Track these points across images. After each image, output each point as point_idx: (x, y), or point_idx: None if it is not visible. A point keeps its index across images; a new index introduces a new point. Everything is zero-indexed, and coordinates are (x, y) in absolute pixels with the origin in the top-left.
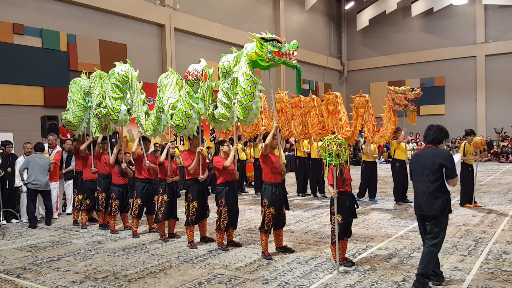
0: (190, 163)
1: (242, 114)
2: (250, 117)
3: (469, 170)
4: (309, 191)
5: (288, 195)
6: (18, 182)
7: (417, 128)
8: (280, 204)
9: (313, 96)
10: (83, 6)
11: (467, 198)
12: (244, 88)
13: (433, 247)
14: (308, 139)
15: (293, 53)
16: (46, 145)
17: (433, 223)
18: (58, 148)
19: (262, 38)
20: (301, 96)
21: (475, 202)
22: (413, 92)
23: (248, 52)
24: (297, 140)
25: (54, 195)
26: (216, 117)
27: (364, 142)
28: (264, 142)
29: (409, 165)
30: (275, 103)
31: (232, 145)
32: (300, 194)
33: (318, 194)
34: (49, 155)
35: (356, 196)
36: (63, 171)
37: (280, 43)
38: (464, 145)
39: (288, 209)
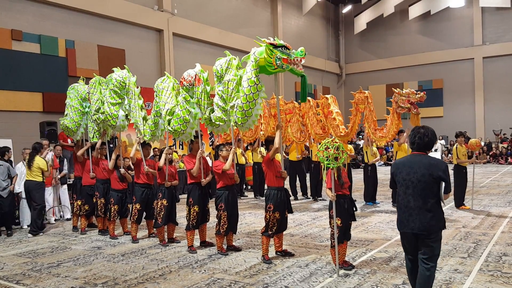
0: (192, 166)
1: (241, 120)
2: (248, 123)
3: (462, 172)
4: (307, 193)
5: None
6: (17, 188)
7: None
8: (284, 208)
9: (309, 98)
10: (81, 12)
11: (461, 200)
12: (246, 95)
13: (434, 266)
14: (308, 142)
15: (300, 60)
16: None
17: (431, 241)
18: (51, 153)
19: (271, 44)
20: (295, 102)
21: (463, 204)
22: (417, 95)
23: (257, 58)
24: (287, 145)
25: (49, 200)
26: (213, 121)
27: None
28: (268, 146)
29: (394, 175)
30: (279, 107)
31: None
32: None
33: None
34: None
35: (368, 202)
36: (59, 176)
37: (288, 49)
38: (456, 147)
39: (292, 212)
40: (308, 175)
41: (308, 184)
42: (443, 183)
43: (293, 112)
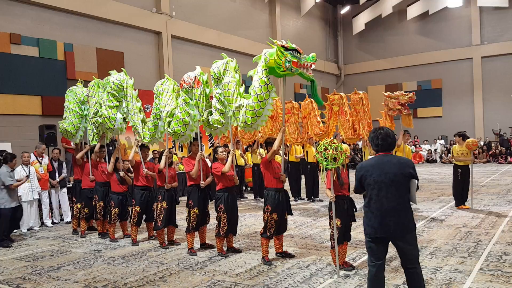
0: (192, 168)
1: (250, 120)
2: (257, 123)
3: (457, 172)
4: (303, 195)
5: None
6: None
7: (415, 130)
8: (283, 209)
9: (311, 99)
10: (79, 15)
11: (460, 200)
12: (257, 94)
13: (419, 266)
14: (305, 144)
15: (311, 65)
16: (32, 154)
17: (409, 242)
18: (47, 157)
19: (282, 46)
20: (293, 102)
21: (463, 204)
22: (406, 96)
23: (267, 58)
24: (288, 145)
25: (47, 203)
26: (211, 123)
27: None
28: (266, 148)
29: (362, 178)
30: (284, 110)
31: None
32: (294, 199)
33: (313, 198)
34: (40, 164)
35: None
36: (58, 179)
37: (300, 53)
38: (453, 146)
39: (291, 214)
40: (303, 177)
41: (301, 185)
42: (415, 180)
43: (291, 112)
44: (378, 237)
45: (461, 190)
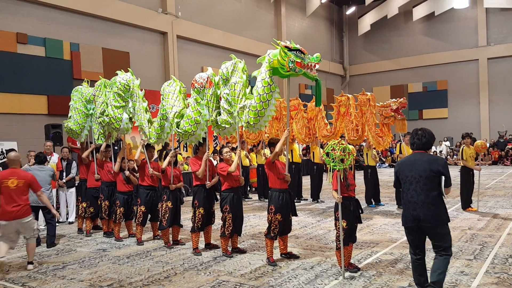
0: (198, 168)
1: (253, 120)
2: (260, 124)
3: (469, 174)
4: (306, 196)
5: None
6: None
7: None
8: (287, 210)
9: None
10: (86, 15)
11: (468, 202)
12: (260, 95)
13: (448, 255)
14: (311, 144)
15: (315, 65)
16: None
17: (438, 234)
18: (56, 155)
19: (286, 47)
20: (299, 99)
21: (470, 206)
22: (397, 102)
23: (270, 59)
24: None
25: (53, 201)
26: (219, 123)
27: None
28: (269, 148)
29: (397, 173)
30: (289, 112)
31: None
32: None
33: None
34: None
35: (370, 205)
36: (64, 180)
37: (304, 54)
38: (463, 148)
39: (296, 215)
40: (309, 177)
41: (303, 186)
42: (443, 177)
43: (298, 109)
44: (410, 226)
45: (471, 192)
